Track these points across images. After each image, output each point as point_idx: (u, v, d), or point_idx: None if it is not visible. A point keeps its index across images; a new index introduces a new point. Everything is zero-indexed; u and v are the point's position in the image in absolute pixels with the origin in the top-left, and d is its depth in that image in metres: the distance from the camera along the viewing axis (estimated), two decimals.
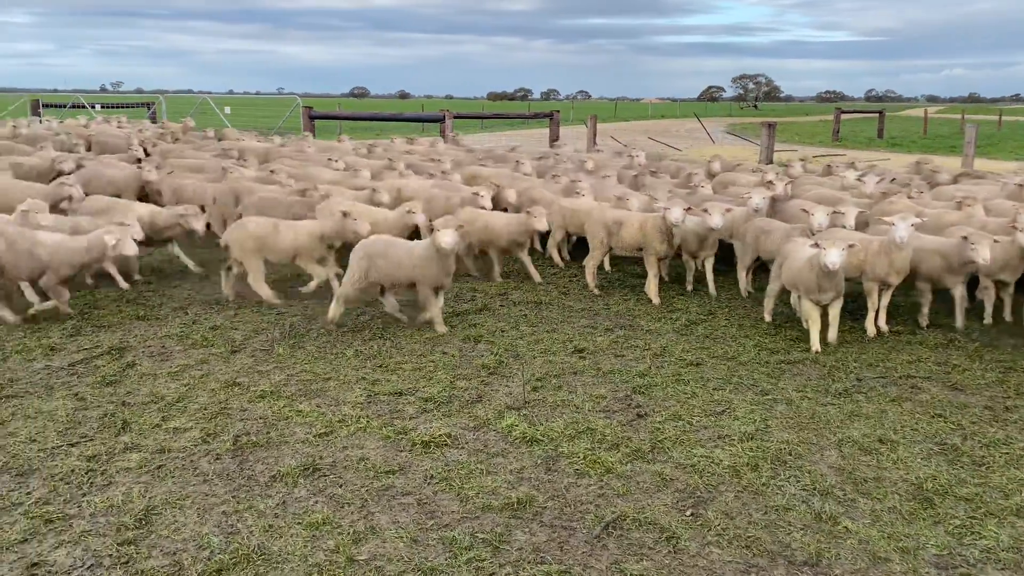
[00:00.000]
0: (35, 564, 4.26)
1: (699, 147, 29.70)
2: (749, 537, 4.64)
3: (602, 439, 5.82)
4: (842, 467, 5.49)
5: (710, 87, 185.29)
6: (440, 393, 6.63)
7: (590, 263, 9.91)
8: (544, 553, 4.46)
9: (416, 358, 7.46)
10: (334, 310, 8.23)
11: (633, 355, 7.63)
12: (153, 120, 25.92)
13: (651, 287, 9.47)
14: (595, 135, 25.19)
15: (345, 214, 8.85)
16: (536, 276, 10.30)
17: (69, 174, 12.14)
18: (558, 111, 24.50)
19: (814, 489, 5.17)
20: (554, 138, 23.27)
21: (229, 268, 9.09)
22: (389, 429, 5.95)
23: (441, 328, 8.16)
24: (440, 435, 5.82)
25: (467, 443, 5.77)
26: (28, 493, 4.98)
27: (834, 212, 8.97)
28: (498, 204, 11.11)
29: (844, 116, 47.25)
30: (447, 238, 7.67)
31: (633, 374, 7.12)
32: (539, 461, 5.50)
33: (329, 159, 14.15)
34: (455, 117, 23.65)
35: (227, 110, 34.28)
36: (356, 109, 62.37)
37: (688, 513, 4.89)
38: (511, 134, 37.91)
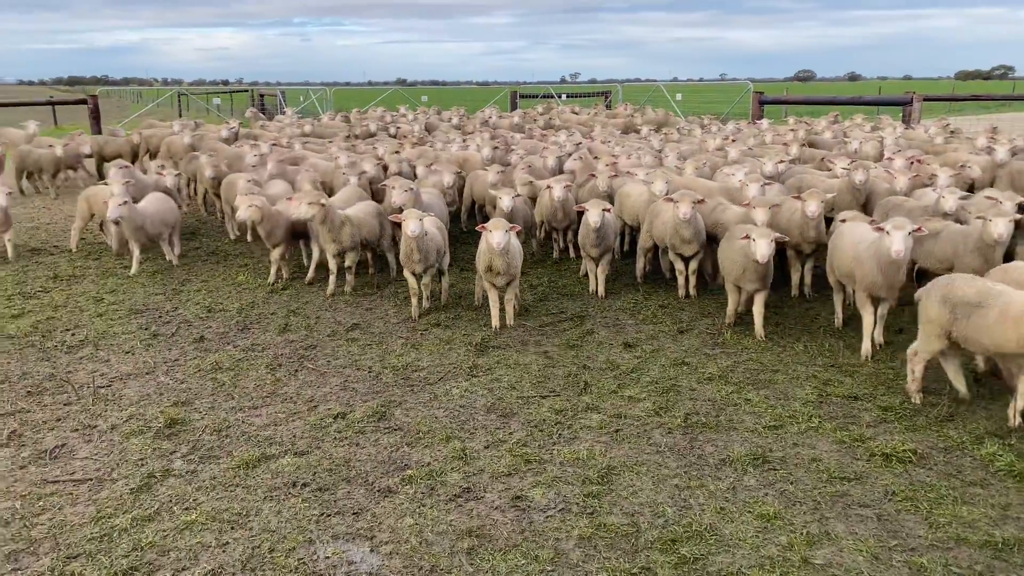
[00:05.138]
0: (518, 497, 4.87)
1: None
2: None
3: None
4: None
5: None
6: (902, 404, 6.05)
7: None
8: None
9: (874, 362, 6.91)
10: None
11: None
12: (608, 108, 27.77)
13: None
14: None
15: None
16: None
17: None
18: None
19: None
20: None
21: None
22: (843, 434, 5.60)
23: None
24: (903, 450, 5.30)
25: (936, 464, 5.18)
26: (510, 433, 5.72)
27: None
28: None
29: None
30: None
31: None
32: None
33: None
34: (924, 100, 21.26)
35: (679, 96, 34.98)
36: (802, 92, 59.61)
37: None
38: (989, 118, 32.92)
